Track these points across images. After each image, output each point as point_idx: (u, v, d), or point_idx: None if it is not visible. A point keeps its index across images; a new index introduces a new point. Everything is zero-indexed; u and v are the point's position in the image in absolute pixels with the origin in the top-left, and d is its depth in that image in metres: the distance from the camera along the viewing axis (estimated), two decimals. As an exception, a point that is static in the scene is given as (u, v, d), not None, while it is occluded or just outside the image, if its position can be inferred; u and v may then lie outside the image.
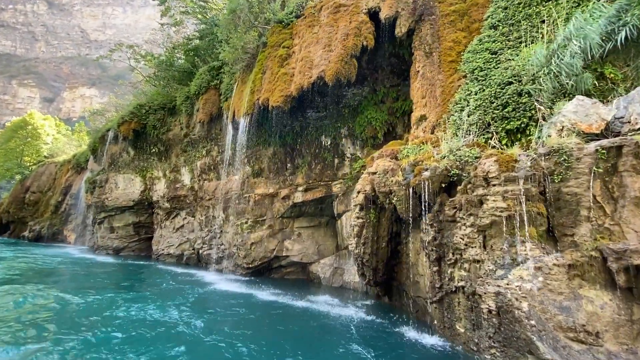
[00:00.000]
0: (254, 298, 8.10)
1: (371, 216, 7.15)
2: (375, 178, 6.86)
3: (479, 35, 7.35)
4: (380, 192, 6.70)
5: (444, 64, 7.84)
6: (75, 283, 9.03)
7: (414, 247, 6.84)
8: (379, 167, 6.87)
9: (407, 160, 6.60)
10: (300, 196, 11.47)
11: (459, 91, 6.83)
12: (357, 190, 7.27)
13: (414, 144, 6.95)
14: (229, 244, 12.76)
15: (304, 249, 11.82)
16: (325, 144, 11.74)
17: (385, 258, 7.23)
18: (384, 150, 7.18)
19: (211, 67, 14.24)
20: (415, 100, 7.75)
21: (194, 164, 15.24)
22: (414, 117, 7.70)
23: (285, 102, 9.14)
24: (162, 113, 15.71)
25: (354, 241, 7.29)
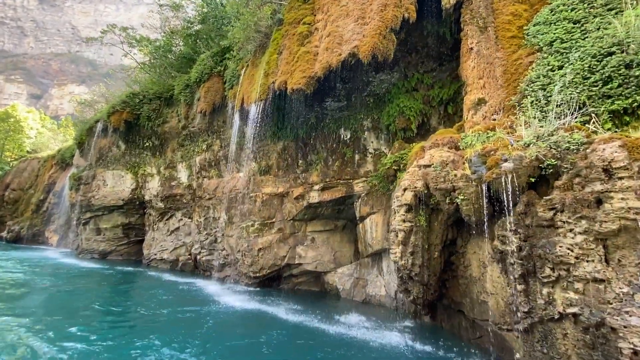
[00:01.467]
0: (272, 319, 6.65)
1: (421, 219, 5.82)
2: (430, 172, 5.54)
3: (547, 5, 6.15)
4: (438, 189, 5.38)
5: (502, 40, 6.61)
6: (45, 307, 6.94)
7: (478, 258, 5.52)
8: (434, 159, 5.56)
9: (472, 150, 5.30)
10: (317, 196, 10.10)
11: (533, 68, 5.59)
12: (402, 187, 5.94)
13: (476, 131, 5.66)
14: (232, 250, 11.27)
15: (318, 256, 10.42)
16: (345, 138, 10.41)
17: (438, 271, 5.89)
18: (438, 138, 5.88)
19: (214, 52, 12.84)
20: (469, 82, 6.49)
21: (193, 160, 13.75)
22: (468, 101, 6.43)
23: (308, 84, 7.80)
24: (158, 103, 14.19)
25: (397, 250, 5.93)
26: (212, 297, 8.23)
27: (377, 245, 8.81)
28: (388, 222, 8.72)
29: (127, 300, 7.94)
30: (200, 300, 7.85)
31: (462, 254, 5.86)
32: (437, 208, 5.73)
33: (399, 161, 8.25)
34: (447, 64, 8.63)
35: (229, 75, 11.84)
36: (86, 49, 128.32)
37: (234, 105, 11.31)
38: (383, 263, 9.06)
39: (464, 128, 6.39)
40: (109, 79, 20.07)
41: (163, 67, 14.81)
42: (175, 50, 14.55)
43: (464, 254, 5.84)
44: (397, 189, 6.16)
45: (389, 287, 8.69)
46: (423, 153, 5.91)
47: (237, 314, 6.80)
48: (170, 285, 9.66)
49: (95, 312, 6.41)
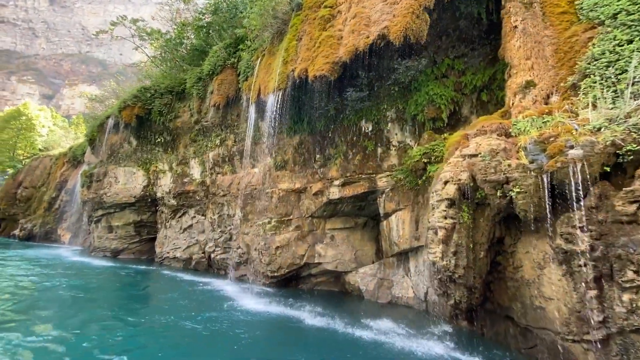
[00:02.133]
0: (298, 325, 6.13)
1: (464, 215, 5.24)
2: (477, 162, 4.95)
3: (606, -25, 5.47)
4: (488, 181, 4.79)
5: (550, 16, 5.97)
6: (58, 315, 6.28)
7: (532, 259, 4.93)
8: (482, 147, 4.97)
9: (527, 137, 4.70)
10: (337, 192, 9.56)
11: (595, 44, 4.94)
12: (442, 180, 5.37)
13: (528, 117, 5.05)
14: (248, 248, 10.82)
15: (338, 255, 9.89)
16: (366, 130, 9.84)
17: (484, 273, 5.30)
18: (484, 124, 5.28)
19: (227, 43, 12.37)
20: (515, 63, 5.86)
21: (206, 156, 13.33)
22: (514, 85, 5.81)
23: (332, 70, 7.24)
24: (170, 97, 13.80)
25: (437, 249, 5.36)
26: (232, 300, 7.77)
27: (405, 244, 8.24)
28: (416, 219, 8.16)
29: (144, 305, 7.52)
30: (221, 303, 7.39)
31: (511, 253, 5.26)
32: (484, 203, 5.15)
33: (429, 153, 7.68)
34: (481, 48, 8.00)
35: (243, 66, 11.36)
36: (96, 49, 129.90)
37: (249, 97, 10.83)
38: (410, 263, 8.49)
39: (509, 114, 5.78)
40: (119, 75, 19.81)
41: (174, 61, 14.41)
42: (186, 43, 14.13)
43: (513, 253, 5.25)
44: (435, 183, 5.59)
45: (417, 288, 8.13)
46: (467, 142, 5.32)
47: (262, 319, 6.30)
48: (187, 286, 9.25)
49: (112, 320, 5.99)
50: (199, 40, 13.39)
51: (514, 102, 5.73)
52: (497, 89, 7.88)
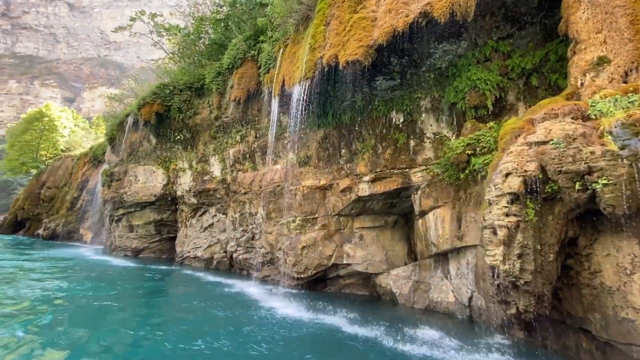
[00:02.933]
0: (334, 333, 5.58)
1: (530, 213, 4.55)
2: (548, 150, 4.26)
3: None
4: (564, 172, 4.10)
5: (624, -17, 5.18)
6: (81, 319, 6.09)
7: (615, 263, 4.21)
8: (554, 133, 4.28)
9: (611, 120, 3.98)
10: (367, 188, 8.96)
11: (693, 7, 4.16)
12: (503, 172, 4.69)
13: (607, 96, 4.31)
14: (272, 248, 10.35)
15: (368, 256, 9.30)
16: (397, 122, 9.19)
17: (554, 279, 4.61)
18: (554, 107, 4.57)
19: (247, 36, 11.93)
20: (583, 38, 5.11)
21: (226, 153, 12.96)
22: (582, 62, 5.06)
23: (366, 55, 6.65)
24: (189, 94, 13.50)
25: (497, 251, 4.70)
26: (260, 304, 7.30)
27: (445, 245, 7.57)
28: (458, 217, 7.47)
29: (171, 309, 7.15)
30: (249, 308, 6.93)
31: (587, 256, 4.55)
32: (555, 197, 4.45)
33: (474, 144, 6.97)
34: (530, 27, 7.20)
35: (264, 58, 10.89)
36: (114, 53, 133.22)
37: (271, 90, 10.35)
38: (450, 265, 7.81)
39: (576, 96, 5.04)
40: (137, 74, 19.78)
41: (193, 56, 14.11)
42: (204, 38, 13.80)
43: (589, 256, 4.53)
44: (492, 175, 4.91)
45: (459, 292, 7.45)
46: (532, 127, 4.62)
47: (295, 327, 5.78)
48: (211, 289, 8.85)
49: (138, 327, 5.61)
50: (218, 34, 13.02)
51: (583, 82, 4.99)
52: (549, 71, 7.10)
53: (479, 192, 7.12)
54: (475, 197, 7.17)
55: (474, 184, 7.23)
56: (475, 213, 7.09)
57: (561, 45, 6.97)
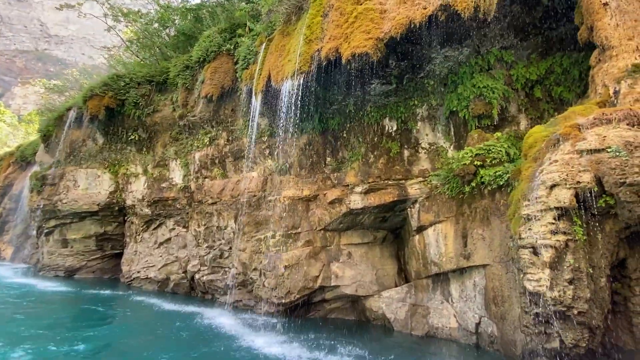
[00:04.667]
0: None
1: (578, 231, 3.94)
2: (606, 159, 3.71)
3: None
4: (629, 184, 3.54)
5: (647, -7, 5.03)
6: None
7: (678, 289, 3.69)
8: (610, 140, 3.75)
9: (676, 126, 3.52)
10: (360, 200, 8.07)
11: None
12: (547, 183, 4.08)
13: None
14: (246, 267, 8.93)
15: (358, 276, 8.33)
16: (390, 130, 8.55)
17: (606, 307, 4.00)
18: (607, 112, 4.08)
19: (222, 28, 10.72)
20: (614, 44, 4.81)
21: (191, 157, 11.36)
22: (615, 69, 4.73)
23: (375, 48, 5.88)
24: (148, 88, 11.78)
25: (543, 275, 4.01)
26: (235, 339, 5.90)
27: (449, 264, 6.87)
28: (463, 234, 6.83)
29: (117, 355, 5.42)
30: (224, 348, 5.48)
31: (637, 280, 4.02)
32: (608, 213, 3.89)
33: (483, 155, 6.45)
34: (533, 38, 7.01)
35: (242, 53, 9.74)
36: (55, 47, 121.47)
37: (250, 88, 9.19)
38: (452, 286, 7.11)
39: (609, 104, 4.66)
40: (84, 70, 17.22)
41: (155, 47, 12.45)
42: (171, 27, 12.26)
43: (638, 280, 4.00)
44: (533, 187, 4.27)
45: (462, 317, 6.74)
46: (579, 133, 4.07)
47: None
48: (169, 319, 7.17)
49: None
50: (186, 25, 11.60)
51: (617, 89, 4.63)
52: (553, 84, 6.91)
53: (486, 206, 6.57)
54: (482, 212, 6.60)
55: (481, 197, 6.68)
56: (483, 230, 6.50)
57: (565, 57, 6.86)
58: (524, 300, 4.44)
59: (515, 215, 4.70)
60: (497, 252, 6.15)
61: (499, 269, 6.05)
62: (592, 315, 3.84)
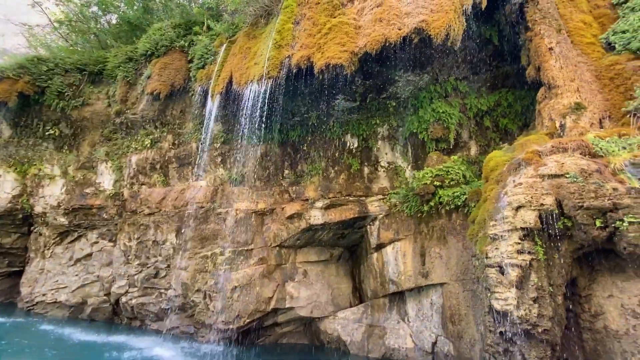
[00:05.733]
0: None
1: (539, 251, 4.19)
2: (566, 184, 4.03)
3: (631, 13, 5.65)
4: (586, 207, 3.86)
5: (580, 45, 5.90)
6: None
7: (619, 305, 4.09)
8: (568, 167, 4.10)
9: (620, 159, 4.00)
10: (320, 216, 7.78)
11: (654, 70, 4.74)
12: (513, 204, 4.29)
13: (602, 137, 4.44)
14: (187, 288, 7.86)
15: (314, 296, 7.91)
16: (351, 146, 8.57)
17: (564, 324, 4.23)
18: (562, 141, 4.47)
19: (176, 23, 9.87)
20: (559, 84, 5.43)
21: (126, 159, 9.95)
22: (560, 106, 5.32)
23: (350, 61, 5.81)
24: (78, 77, 10.18)
25: (510, 294, 4.13)
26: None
27: (408, 283, 6.87)
28: (421, 252, 6.94)
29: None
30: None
31: (586, 297, 4.37)
32: (564, 234, 4.19)
33: (442, 176, 6.71)
34: (483, 73, 7.71)
35: (198, 51, 9.02)
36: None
37: (206, 89, 8.48)
38: (408, 305, 7.11)
39: (556, 135, 5.19)
40: None
41: (91, 33, 10.90)
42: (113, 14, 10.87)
43: (588, 297, 4.36)
44: (501, 208, 4.45)
45: (419, 337, 6.73)
46: (540, 159, 4.40)
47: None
48: (88, 353, 5.80)
49: None
50: (134, 13, 10.42)
51: (563, 123, 5.19)
52: (499, 115, 7.62)
53: (443, 225, 6.80)
54: (439, 231, 6.81)
55: (438, 217, 6.91)
56: (440, 248, 6.69)
57: (510, 93, 7.65)
58: (488, 319, 4.51)
59: (480, 234, 4.85)
60: (454, 270, 6.34)
61: (456, 287, 6.21)
62: (555, 333, 4.04)
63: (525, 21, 6.27)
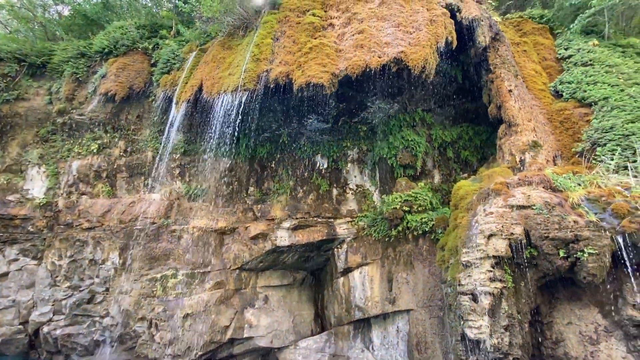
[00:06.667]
0: None
1: (508, 279, 4.35)
2: (533, 215, 4.28)
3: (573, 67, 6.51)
4: (550, 238, 4.12)
5: (533, 90, 6.61)
6: None
7: (578, 332, 4.33)
8: (534, 199, 4.38)
9: (576, 194, 4.38)
10: (287, 237, 7.43)
11: (597, 118, 5.40)
12: (486, 233, 4.44)
13: (562, 173, 4.87)
14: (129, 316, 6.86)
15: (274, 324, 7.38)
16: (321, 167, 8.51)
17: (530, 352, 4.35)
18: (527, 175, 4.78)
19: (141, 23, 9.26)
20: (518, 122, 5.94)
21: (64, 165, 8.76)
22: (520, 142, 5.79)
23: (330, 82, 5.79)
24: (15, 67, 8.94)
25: (482, 322, 4.17)
26: None
27: (374, 309, 6.72)
28: (389, 278, 6.89)
29: None
30: None
31: (548, 324, 4.57)
32: (530, 263, 4.40)
33: (411, 201, 6.84)
34: (447, 108, 8.24)
35: (164, 55, 8.49)
36: None
37: (170, 95, 7.94)
38: (373, 333, 6.93)
39: (518, 169, 5.61)
40: None
41: (37, 22, 9.73)
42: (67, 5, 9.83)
43: (550, 325, 4.57)
44: (473, 236, 4.58)
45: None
46: (508, 190, 4.65)
47: None
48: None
49: None
50: (92, 7, 9.55)
51: (523, 159, 5.64)
52: (461, 148, 8.12)
53: (410, 251, 6.87)
54: (406, 256, 6.86)
55: (405, 242, 6.97)
56: (407, 274, 6.70)
57: (470, 128, 8.24)
58: (460, 348, 4.50)
59: (452, 261, 4.92)
60: (421, 296, 6.35)
61: (423, 314, 6.20)
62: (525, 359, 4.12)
63: (488, 64, 6.87)
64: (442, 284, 5.33)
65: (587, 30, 7.59)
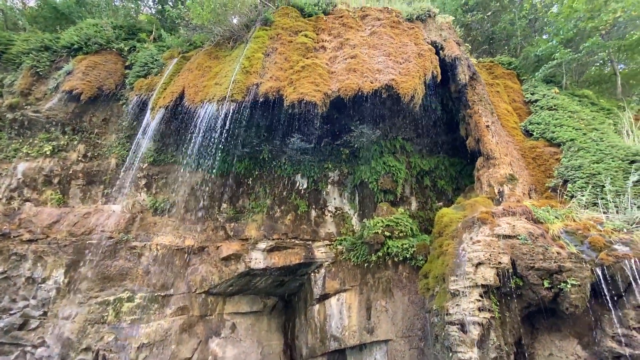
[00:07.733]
0: None
1: (495, 309, 4.35)
2: (518, 245, 4.39)
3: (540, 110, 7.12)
4: (536, 268, 4.21)
5: (507, 128, 7.08)
6: None
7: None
8: (518, 229, 4.51)
9: (555, 226, 4.60)
10: (262, 259, 6.97)
11: (567, 157, 5.85)
12: (474, 261, 4.46)
13: (540, 206, 5.11)
14: (70, 346, 5.86)
15: (242, 356, 6.72)
16: (300, 187, 8.31)
17: (516, 384, 4.29)
18: (510, 205, 4.94)
19: (117, 24, 8.77)
20: (496, 156, 6.26)
21: (9, 167, 7.70)
22: (498, 175, 6.06)
23: (323, 101, 5.74)
24: (-39, 54, 7.90)
25: (472, 354, 4.07)
26: None
27: (352, 339, 6.38)
28: (367, 305, 6.65)
29: None
30: None
31: (530, 356, 4.58)
32: (514, 293, 4.45)
33: (392, 227, 6.80)
34: (425, 138, 8.56)
35: (141, 59, 8.05)
36: None
37: (144, 99, 7.44)
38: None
39: (497, 201, 5.83)
40: None
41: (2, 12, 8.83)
42: None
43: (532, 355, 4.57)
44: (461, 264, 4.57)
45: (358, 402, 6.13)
46: (494, 220, 4.76)
47: None
48: None
49: None
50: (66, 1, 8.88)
51: (501, 190, 5.88)
52: (437, 177, 8.38)
53: (389, 277, 6.73)
54: (385, 282, 6.71)
55: (385, 268, 6.84)
56: (386, 302, 6.52)
57: (446, 159, 8.58)
58: (448, 382, 4.32)
59: (438, 289, 4.85)
60: (400, 326, 6.16)
61: (402, 345, 5.99)
62: (512, 395, 4.04)
63: (466, 100, 7.29)
64: (427, 313, 5.21)
65: (547, 80, 8.44)
